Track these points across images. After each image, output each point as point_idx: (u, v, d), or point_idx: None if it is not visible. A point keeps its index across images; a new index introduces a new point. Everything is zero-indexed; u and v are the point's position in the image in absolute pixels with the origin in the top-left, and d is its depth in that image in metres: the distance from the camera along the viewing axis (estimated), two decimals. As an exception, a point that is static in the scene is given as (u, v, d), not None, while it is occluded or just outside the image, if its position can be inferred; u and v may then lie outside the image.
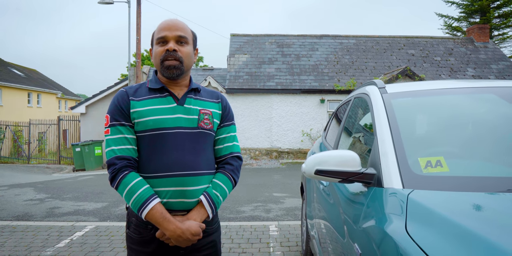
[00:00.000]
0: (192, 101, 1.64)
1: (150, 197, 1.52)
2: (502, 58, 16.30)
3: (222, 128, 1.73)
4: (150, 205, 1.50)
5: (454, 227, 1.07)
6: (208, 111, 1.66)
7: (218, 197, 1.63)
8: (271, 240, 4.37)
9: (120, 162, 1.54)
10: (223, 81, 15.48)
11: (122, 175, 1.53)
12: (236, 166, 1.74)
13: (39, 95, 29.13)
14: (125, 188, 1.52)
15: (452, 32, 25.69)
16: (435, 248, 1.01)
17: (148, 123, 1.56)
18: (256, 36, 17.08)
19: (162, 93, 1.62)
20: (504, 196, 1.29)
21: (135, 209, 1.53)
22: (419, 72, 14.82)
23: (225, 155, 1.73)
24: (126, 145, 1.57)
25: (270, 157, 14.38)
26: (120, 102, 1.60)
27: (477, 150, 1.67)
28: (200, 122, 1.62)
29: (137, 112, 1.58)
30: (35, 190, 8.45)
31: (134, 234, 1.63)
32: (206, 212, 1.60)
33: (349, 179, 1.58)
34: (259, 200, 6.85)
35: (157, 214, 1.50)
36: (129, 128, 1.59)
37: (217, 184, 1.65)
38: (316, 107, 14.61)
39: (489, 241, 0.97)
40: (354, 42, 16.95)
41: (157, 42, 1.60)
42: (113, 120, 1.59)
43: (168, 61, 1.58)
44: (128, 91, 1.63)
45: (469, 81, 2.28)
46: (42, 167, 15.80)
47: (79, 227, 5.05)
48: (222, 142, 1.73)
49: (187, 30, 1.64)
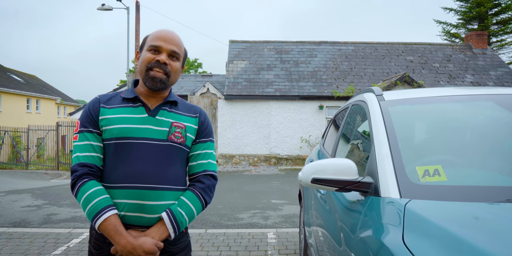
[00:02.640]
0: (166, 113, 1.59)
1: (106, 207, 1.44)
2: (501, 65, 16.35)
3: (197, 144, 1.64)
4: (104, 216, 1.42)
5: (451, 238, 1.05)
6: (181, 124, 1.59)
7: (183, 216, 1.52)
8: (269, 247, 4.33)
9: (81, 169, 1.50)
10: (221, 87, 15.50)
11: (82, 182, 1.48)
12: (209, 185, 1.62)
13: (38, 101, 29.13)
14: (82, 196, 1.46)
15: (450, 38, 25.82)
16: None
17: (114, 131, 1.52)
18: (254, 42, 17.14)
19: (135, 103, 1.58)
20: (503, 206, 1.28)
21: (89, 218, 1.46)
22: (418, 79, 14.85)
23: (198, 172, 1.63)
24: (91, 152, 1.52)
25: (269, 163, 14.34)
26: (90, 109, 1.57)
27: (475, 158, 1.66)
28: (171, 134, 1.55)
29: (106, 120, 1.54)
30: (33, 196, 8.40)
31: (94, 249, 1.56)
32: (166, 231, 1.49)
33: (346, 188, 1.56)
34: (257, 207, 6.81)
35: (110, 226, 1.42)
36: (97, 135, 1.54)
37: (183, 202, 1.54)
38: (314, 114, 14.61)
39: (486, 253, 0.95)
40: (352, 48, 17.01)
41: (149, 49, 1.56)
42: (82, 127, 1.56)
43: (155, 72, 1.54)
44: (101, 99, 1.60)
45: (467, 88, 2.27)
46: (41, 173, 15.73)
47: (76, 234, 5.00)
48: (196, 159, 1.64)
49: (181, 46, 1.62)
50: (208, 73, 18.31)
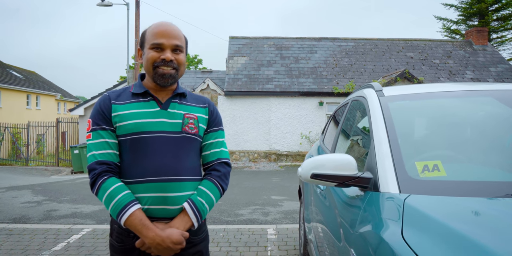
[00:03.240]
0: (177, 105, 1.61)
1: (130, 203, 1.46)
2: (501, 61, 16.32)
3: (209, 133, 1.68)
4: (129, 211, 1.45)
5: (451, 233, 1.05)
6: (193, 115, 1.61)
7: (204, 205, 1.56)
8: (269, 243, 4.34)
9: (100, 167, 1.50)
10: (221, 83, 15.48)
11: (102, 180, 1.49)
12: (224, 173, 1.66)
13: (38, 97, 29.10)
14: (104, 193, 1.48)
15: (450, 35, 25.75)
16: (431, 254, 0.99)
17: (129, 127, 1.53)
18: (254, 38, 17.09)
19: (145, 97, 1.59)
20: (502, 201, 1.28)
21: (114, 215, 1.48)
22: (418, 75, 14.83)
23: (212, 161, 1.67)
24: (107, 149, 1.53)
25: (269, 159, 14.35)
26: (101, 106, 1.57)
27: (475, 154, 1.66)
28: (184, 126, 1.57)
29: (119, 116, 1.54)
30: (33, 192, 8.41)
31: (116, 243, 1.58)
32: (190, 220, 1.53)
33: (346, 183, 1.56)
34: (257, 203, 6.83)
35: (135, 221, 1.44)
36: (111, 132, 1.55)
37: (202, 191, 1.58)
38: (314, 110, 14.60)
39: (485, 248, 0.95)
40: (353, 44, 16.97)
41: (151, 47, 1.56)
42: (94, 125, 1.56)
43: (163, 69, 1.55)
44: (110, 96, 1.60)
45: (467, 84, 2.27)
46: (41, 169, 15.75)
47: (76, 230, 5.02)
48: (209, 148, 1.67)
49: (182, 37, 1.61)
50: (208, 69, 18.27)
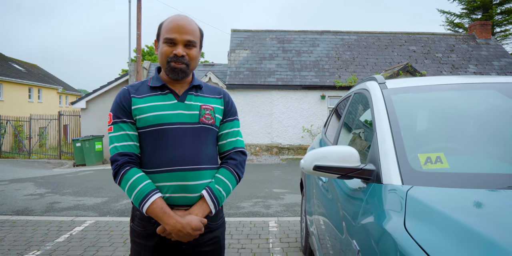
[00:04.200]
0: (193, 97, 1.66)
1: (151, 192, 1.54)
2: (504, 55, 16.21)
3: (225, 123, 1.74)
4: (151, 199, 1.52)
5: (453, 224, 1.06)
6: (209, 106, 1.68)
7: (221, 192, 1.63)
8: (270, 236, 4.36)
9: (122, 158, 1.58)
10: (223, 76, 15.44)
11: (124, 170, 1.57)
12: (240, 161, 1.73)
13: (40, 90, 29.12)
14: (127, 183, 1.55)
15: (454, 28, 25.57)
16: (433, 245, 1.00)
17: (149, 119, 1.59)
18: (256, 31, 17.01)
19: (163, 90, 1.65)
20: (504, 193, 1.28)
21: (136, 204, 1.56)
22: (421, 69, 14.76)
23: (229, 150, 1.74)
24: (128, 141, 1.60)
25: (271, 153, 14.37)
26: (122, 100, 1.64)
27: (477, 146, 1.65)
28: (202, 117, 1.64)
29: (138, 109, 1.61)
30: (36, 185, 8.46)
31: (138, 228, 1.66)
32: (208, 207, 1.61)
33: (348, 175, 1.56)
34: (259, 196, 6.85)
35: (157, 209, 1.52)
36: (131, 125, 1.62)
37: (219, 179, 1.65)
38: (316, 103, 14.58)
39: (488, 239, 0.95)
40: (355, 38, 16.87)
41: (165, 41, 1.61)
42: (115, 118, 1.63)
43: (175, 64, 1.60)
44: (129, 89, 1.67)
45: (469, 77, 2.25)
46: (43, 162, 15.82)
47: (78, 222, 5.05)
48: (225, 138, 1.74)
49: (196, 32, 1.65)
50: (210, 63, 18.22)
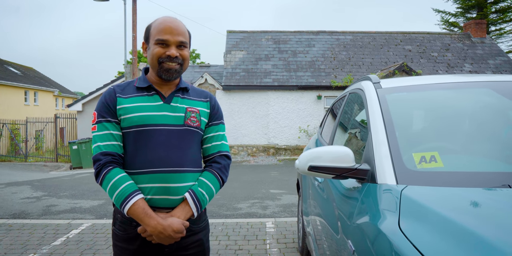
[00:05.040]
0: (179, 99, 1.66)
1: (133, 192, 1.52)
2: (499, 54, 16.29)
3: (210, 127, 1.73)
4: (132, 200, 1.50)
5: (447, 223, 1.05)
6: (195, 109, 1.67)
7: (204, 195, 1.62)
8: (267, 237, 4.36)
9: (104, 158, 1.56)
10: (219, 78, 15.43)
11: (106, 170, 1.54)
12: (224, 165, 1.72)
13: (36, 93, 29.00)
14: (109, 183, 1.53)
15: (449, 27, 25.65)
16: (428, 245, 0.99)
17: (133, 119, 1.58)
18: (252, 32, 17.01)
19: (149, 91, 1.64)
20: (499, 191, 1.28)
21: (117, 204, 1.54)
22: (416, 68, 14.80)
23: (213, 153, 1.73)
24: (112, 141, 1.58)
25: (267, 153, 14.37)
26: (107, 99, 1.62)
27: (472, 145, 1.65)
28: (187, 119, 1.63)
29: (123, 109, 1.59)
30: (32, 188, 8.42)
31: (119, 231, 1.64)
32: (190, 210, 1.59)
33: (343, 175, 1.56)
34: (256, 197, 6.84)
35: (139, 210, 1.50)
36: (115, 124, 1.60)
37: (203, 182, 1.63)
38: (313, 104, 14.58)
39: (483, 238, 0.95)
40: (350, 38, 16.90)
41: (156, 43, 1.60)
42: (99, 117, 1.61)
43: (168, 64, 1.59)
44: (115, 89, 1.65)
45: (464, 76, 2.26)
46: (40, 165, 15.74)
47: (75, 225, 5.03)
48: (210, 141, 1.73)
49: (186, 33, 1.65)
50: (206, 64, 18.20)
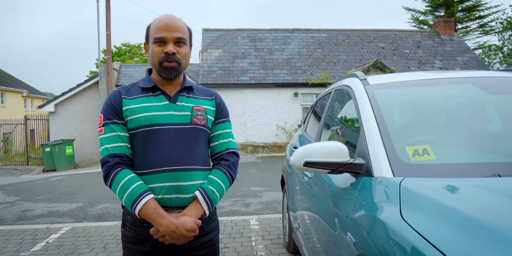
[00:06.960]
0: (185, 99, 1.65)
1: (143, 193, 1.51)
2: (467, 51, 16.87)
3: (217, 125, 1.73)
4: (143, 200, 1.49)
5: (448, 211, 1.10)
6: (201, 107, 1.66)
7: (214, 193, 1.61)
8: (252, 234, 4.37)
9: (113, 160, 1.54)
10: (196, 76, 15.32)
11: (115, 172, 1.53)
12: (233, 162, 1.72)
13: (3, 94, 27.97)
14: (118, 185, 1.52)
15: (419, 25, 26.35)
16: (433, 232, 1.03)
17: (140, 120, 1.57)
18: (228, 30, 16.96)
19: (154, 91, 1.64)
20: (491, 180, 1.34)
21: (128, 206, 1.52)
22: (389, 65, 15.14)
23: (221, 151, 1.73)
24: (119, 142, 1.57)
25: (246, 151, 14.38)
26: (112, 101, 1.61)
27: (460, 138, 1.72)
28: (194, 118, 1.62)
29: (129, 110, 1.59)
30: (4, 192, 8.12)
31: (130, 233, 1.62)
32: (202, 208, 1.58)
33: (338, 170, 1.59)
34: (238, 194, 6.85)
35: (150, 210, 1.48)
36: (122, 126, 1.59)
37: (212, 180, 1.63)
38: (290, 101, 14.69)
39: (482, 222, 1.00)
40: (325, 35, 17.11)
41: (155, 41, 1.59)
42: (106, 119, 1.60)
43: (167, 63, 1.58)
44: (120, 91, 1.64)
45: (446, 72, 2.34)
46: (9, 168, 15.21)
47: (54, 229, 4.89)
48: (218, 139, 1.73)
49: (185, 29, 1.64)
50: (181, 63, 18.00)
